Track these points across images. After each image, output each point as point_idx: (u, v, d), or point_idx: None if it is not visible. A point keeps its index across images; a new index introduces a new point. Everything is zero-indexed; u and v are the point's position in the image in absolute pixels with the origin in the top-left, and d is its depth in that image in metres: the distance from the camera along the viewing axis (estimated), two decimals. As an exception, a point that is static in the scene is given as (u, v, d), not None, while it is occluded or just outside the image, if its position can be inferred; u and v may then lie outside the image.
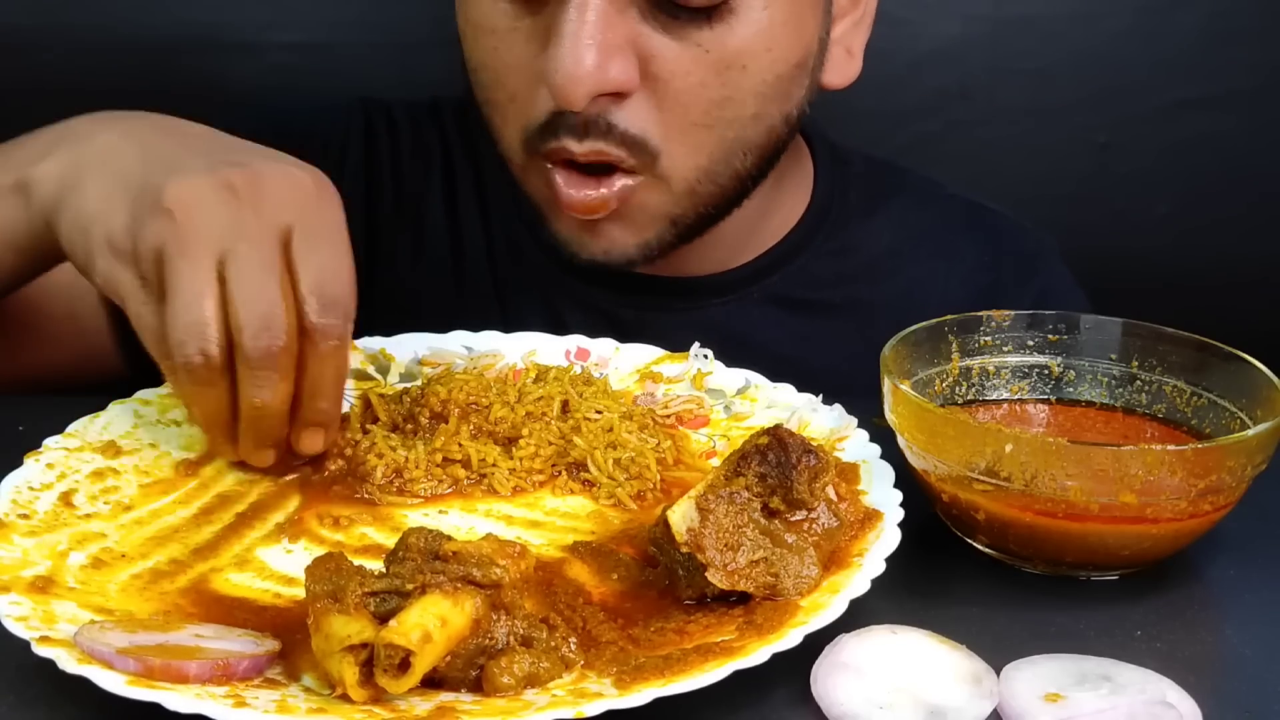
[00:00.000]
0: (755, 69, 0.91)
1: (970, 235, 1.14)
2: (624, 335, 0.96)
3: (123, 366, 1.02)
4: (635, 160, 0.91)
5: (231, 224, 0.73)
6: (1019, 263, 1.13)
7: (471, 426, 0.83)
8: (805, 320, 1.08)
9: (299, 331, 0.74)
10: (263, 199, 0.74)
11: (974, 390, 0.85)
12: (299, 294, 0.74)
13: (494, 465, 0.81)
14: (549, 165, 0.92)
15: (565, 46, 0.85)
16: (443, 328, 0.96)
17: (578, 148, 0.90)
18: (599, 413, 0.84)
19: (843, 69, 1.00)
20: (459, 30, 0.95)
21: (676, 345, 0.95)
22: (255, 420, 0.76)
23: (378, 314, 0.91)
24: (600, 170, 0.91)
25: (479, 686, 0.62)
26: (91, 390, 0.89)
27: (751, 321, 1.07)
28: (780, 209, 1.08)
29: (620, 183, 0.91)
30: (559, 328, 0.98)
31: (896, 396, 0.77)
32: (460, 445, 0.81)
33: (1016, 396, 0.86)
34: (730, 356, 0.93)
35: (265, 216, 0.74)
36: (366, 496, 0.79)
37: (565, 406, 0.85)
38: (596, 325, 1.01)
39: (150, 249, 0.73)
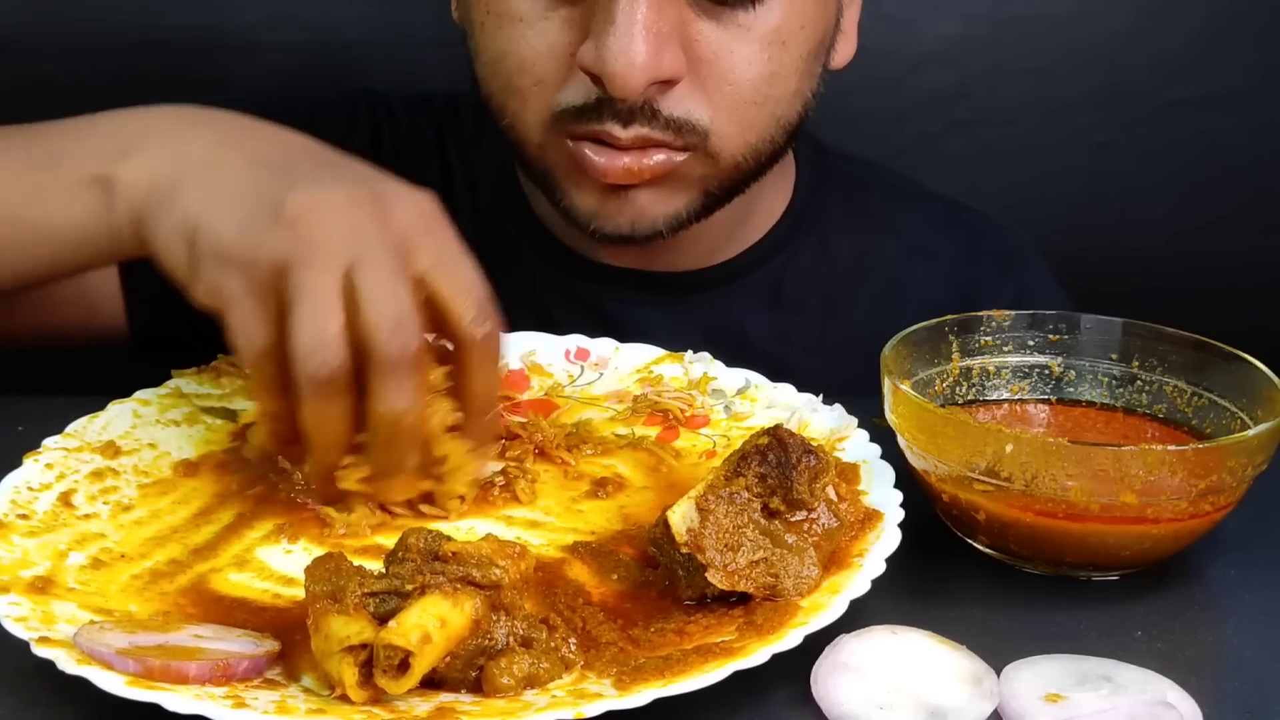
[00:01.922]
0: (793, 44, 0.92)
1: (949, 233, 1.14)
2: (608, 328, 0.96)
3: (125, 333, 1.03)
4: (682, 140, 0.91)
5: (357, 236, 0.72)
6: (997, 261, 1.14)
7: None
8: (786, 317, 1.08)
9: (457, 343, 0.73)
10: (389, 213, 0.73)
11: (974, 390, 0.85)
12: (451, 304, 0.72)
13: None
14: (575, 141, 0.91)
15: (619, 35, 0.85)
16: None
17: (622, 134, 0.89)
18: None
19: (842, 49, 1.01)
20: (472, 21, 0.94)
21: (660, 340, 0.95)
22: (390, 436, 0.72)
23: None
24: (639, 148, 0.91)
25: (479, 687, 0.62)
26: (91, 378, 0.88)
27: (734, 317, 1.07)
28: (764, 204, 1.08)
29: (659, 156, 0.91)
30: (544, 320, 0.98)
31: (897, 396, 0.77)
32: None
33: (1017, 396, 0.86)
34: (713, 352, 0.93)
35: (392, 230, 0.73)
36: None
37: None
38: (581, 318, 1.01)
39: (271, 259, 0.71)
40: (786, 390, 0.89)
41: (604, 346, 0.95)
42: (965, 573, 0.75)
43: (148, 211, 0.77)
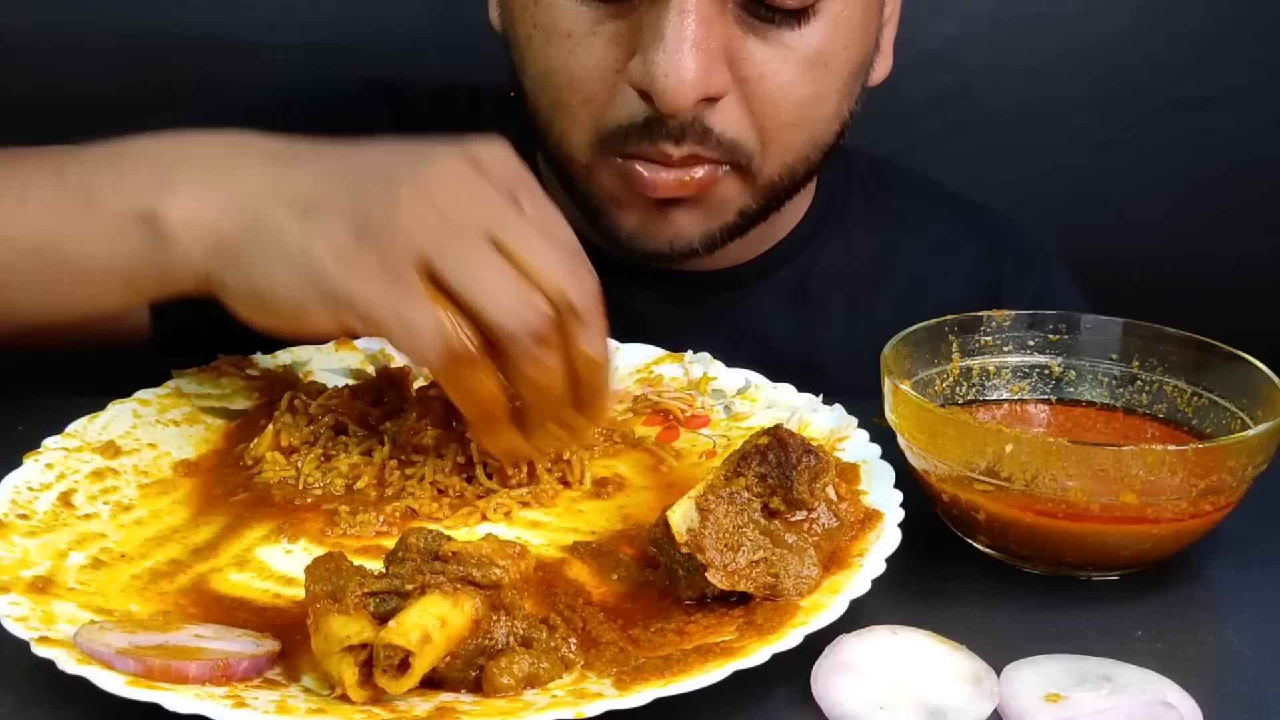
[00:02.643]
0: (835, 66, 0.91)
1: (970, 234, 1.15)
2: (632, 327, 0.96)
3: (149, 332, 1.00)
4: (728, 158, 0.91)
5: (481, 201, 0.71)
6: (1018, 261, 1.14)
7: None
8: (810, 316, 1.08)
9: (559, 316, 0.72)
10: (490, 173, 0.72)
11: (974, 390, 0.85)
12: (545, 284, 0.71)
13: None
14: (624, 159, 0.91)
15: (668, 51, 0.84)
16: None
17: (675, 151, 0.89)
18: None
19: (880, 66, 1.01)
20: (519, 35, 0.93)
21: (684, 338, 0.95)
22: (591, 375, 0.72)
23: None
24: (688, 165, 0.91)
25: (479, 687, 0.62)
26: (91, 379, 0.88)
27: (758, 316, 1.07)
28: (788, 205, 1.08)
29: (704, 169, 0.90)
30: None
31: (897, 396, 0.77)
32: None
33: (1017, 396, 0.86)
34: (736, 351, 0.93)
35: (500, 186, 0.72)
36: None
37: None
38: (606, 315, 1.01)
39: (409, 251, 0.69)
40: (786, 390, 0.89)
41: (604, 346, 0.95)
42: (965, 573, 0.75)
43: (213, 250, 0.73)
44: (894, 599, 0.69)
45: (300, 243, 0.71)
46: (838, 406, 0.86)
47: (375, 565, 0.66)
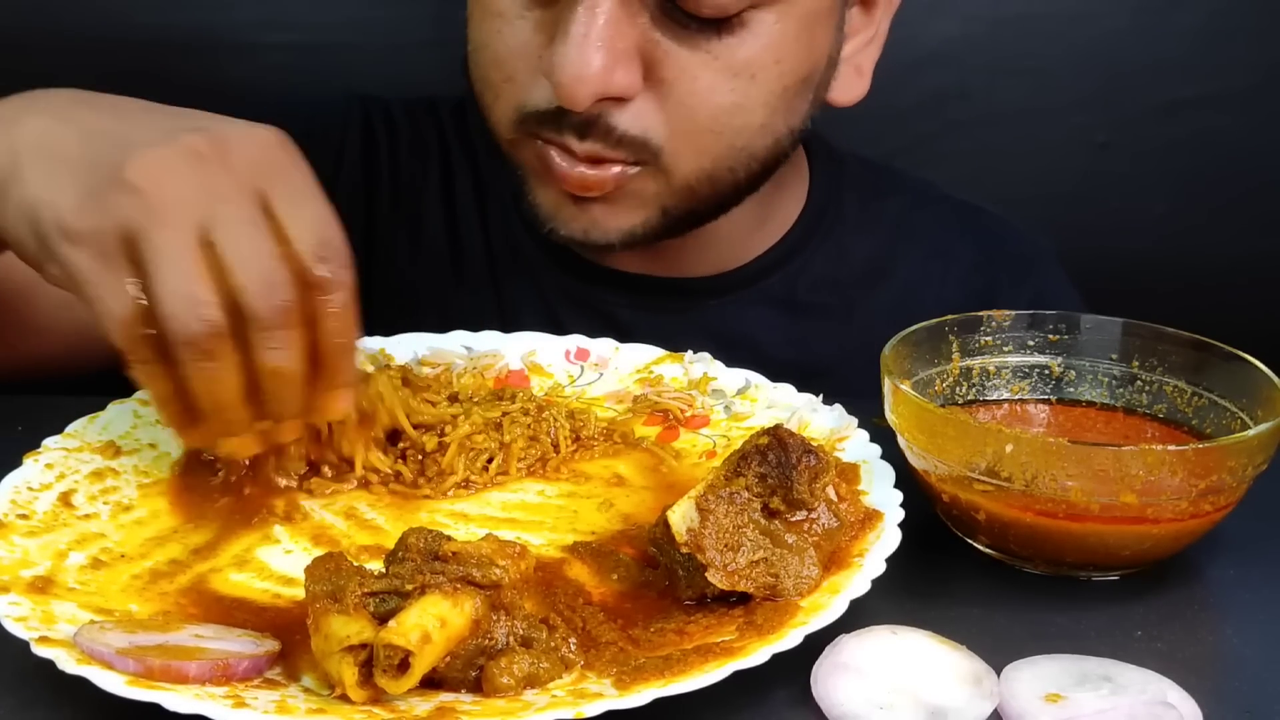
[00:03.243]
0: (764, 79, 0.91)
1: (966, 237, 1.14)
2: (620, 334, 0.96)
3: (118, 354, 1.01)
4: (635, 157, 0.91)
5: (206, 189, 0.69)
6: (1015, 264, 1.14)
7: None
8: (802, 322, 1.08)
9: (304, 290, 0.70)
10: (232, 160, 0.71)
11: (974, 390, 0.85)
12: (297, 250, 0.70)
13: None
14: (541, 142, 0.92)
15: (572, 46, 0.85)
16: (440, 324, 0.96)
17: (578, 146, 0.90)
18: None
19: (851, 87, 1.01)
20: (468, 10, 0.95)
21: (673, 346, 0.95)
22: (276, 389, 0.71)
23: (375, 310, 0.91)
24: (595, 160, 0.92)
25: (479, 687, 0.62)
26: (81, 380, 0.88)
27: (749, 323, 1.07)
28: (778, 211, 1.08)
29: (613, 170, 0.91)
30: (555, 326, 0.98)
31: (897, 396, 0.77)
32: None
33: (1017, 396, 0.86)
34: (727, 358, 0.93)
35: (240, 177, 0.71)
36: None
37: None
38: (593, 324, 1.01)
39: (116, 227, 0.69)
40: (786, 390, 0.89)
41: (604, 347, 0.95)
42: (965, 573, 0.75)
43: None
44: (894, 599, 0.69)
45: (34, 202, 0.71)
46: (838, 406, 0.86)
47: (375, 565, 0.66)
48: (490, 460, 0.82)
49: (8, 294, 0.94)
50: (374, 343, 0.94)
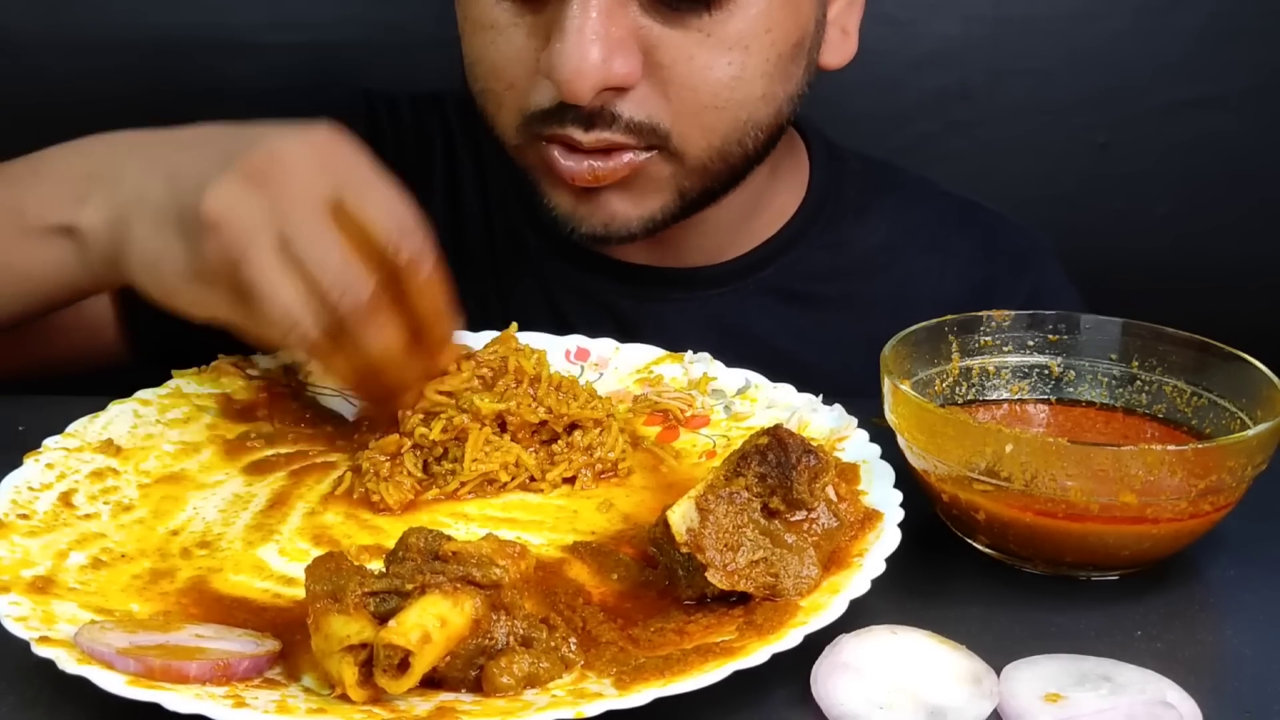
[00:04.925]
0: (758, 49, 0.92)
1: (964, 232, 1.15)
2: (621, 325, 0.96)
3: (125, 353, 1.04)
4: (645, 142, 0.92)
5: (271, 208, 0.74)
6: (1012, 260, 1.14)
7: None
8: (800, 313, 1.09)
9: (393, 272, 0.76)
10: (290, 173, 0.75)
11: (974, 390, 0.85)
12: (376, 242, 0.75)
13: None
14: (546, 143, 0.93)
15: (570, 42, 0.87)
16: None
17: (584, 137, 0.91)
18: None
19: (840, 49, 1.02)
20: (459, 30, 0.97)
21: (673, 336, 0.95)
22: (388, 366, 0.78)
23: None
24: (604, 151, 0.92)
25: (479, 687, 0.62)
26: (91, 378, 0.89)
27: (747, 313, 1.07)
28: (775, 201, 1.09)
29: (624, 158, 0.92)
30: (557, 317, 0.99)
31: (896, 396, 0.77)
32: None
33: (1016, 396, 0.86)
34: (726, 348, 0.93)
35: (300, 186, 0.75)
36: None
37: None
38: (594, 315, 1.02)
39: (219, 265, 0.74)
40: (786, 390, 0.89)
41: (604, 347, 0.95)
42: (965, 573, 0.75)
43: (116, 257, 0.81)
44: (894, 599, 0.69)
45: (153, 253, 0.78)
46: (838, 406, 0.86)
47: (375, 565, 0.66)
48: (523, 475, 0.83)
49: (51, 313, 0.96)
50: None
